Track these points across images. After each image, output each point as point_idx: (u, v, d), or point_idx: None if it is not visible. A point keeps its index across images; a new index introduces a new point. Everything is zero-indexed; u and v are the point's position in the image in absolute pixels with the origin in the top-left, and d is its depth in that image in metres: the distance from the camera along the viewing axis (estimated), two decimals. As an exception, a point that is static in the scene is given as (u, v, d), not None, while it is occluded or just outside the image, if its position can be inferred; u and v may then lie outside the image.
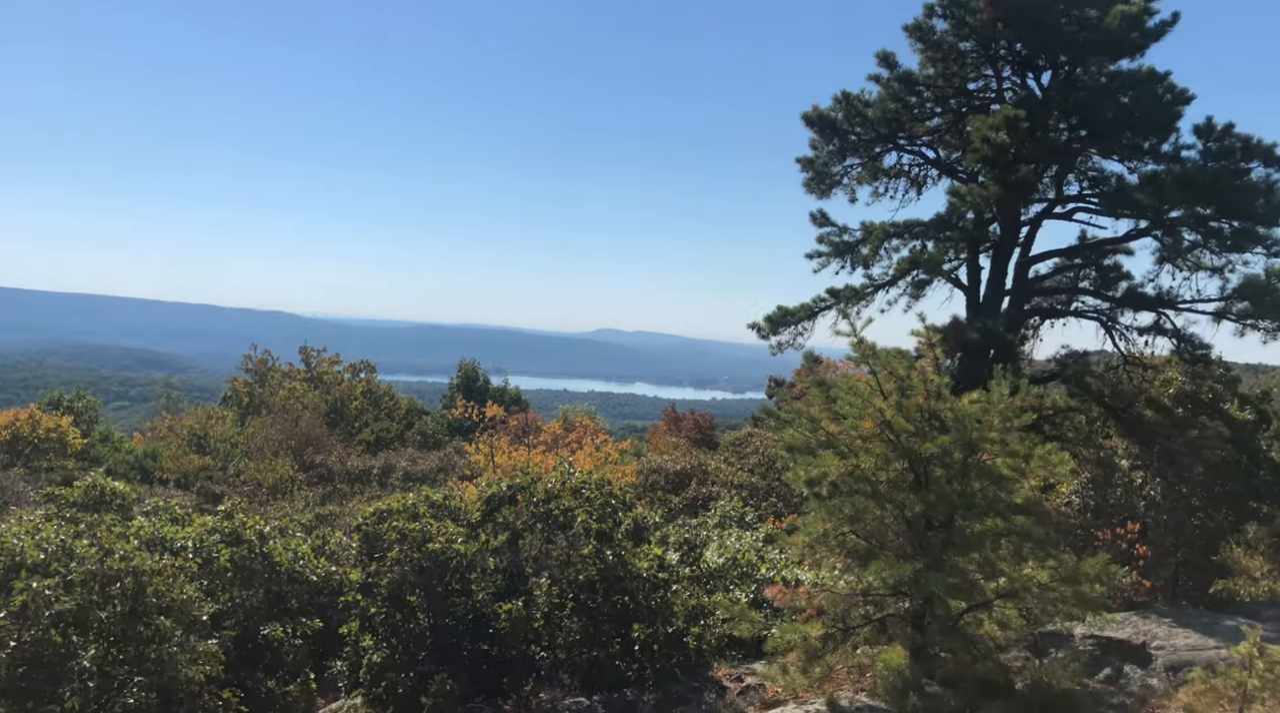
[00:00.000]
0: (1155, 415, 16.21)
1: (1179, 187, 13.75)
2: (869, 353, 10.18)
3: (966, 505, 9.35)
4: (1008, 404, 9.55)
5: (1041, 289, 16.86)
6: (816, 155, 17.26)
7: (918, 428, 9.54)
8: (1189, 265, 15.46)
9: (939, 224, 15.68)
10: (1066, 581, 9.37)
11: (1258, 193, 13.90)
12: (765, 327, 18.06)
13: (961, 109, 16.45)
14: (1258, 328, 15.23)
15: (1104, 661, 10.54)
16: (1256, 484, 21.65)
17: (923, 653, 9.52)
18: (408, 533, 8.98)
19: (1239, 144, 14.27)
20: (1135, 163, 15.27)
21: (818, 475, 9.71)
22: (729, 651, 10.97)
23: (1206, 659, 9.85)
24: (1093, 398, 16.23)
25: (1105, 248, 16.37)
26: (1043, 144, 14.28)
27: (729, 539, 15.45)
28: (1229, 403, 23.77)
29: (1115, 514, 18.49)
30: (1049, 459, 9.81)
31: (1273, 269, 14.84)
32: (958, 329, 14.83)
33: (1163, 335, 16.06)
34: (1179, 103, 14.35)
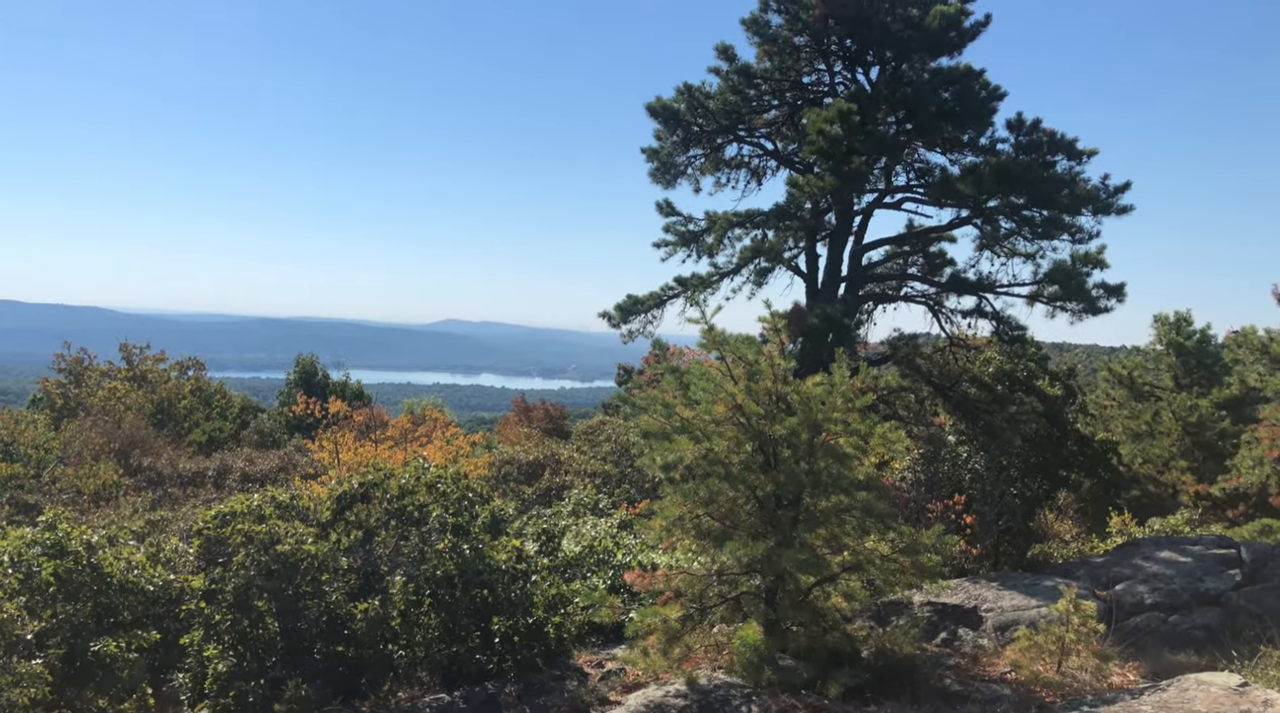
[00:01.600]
0: (978, 393, 17.33)
1: (995, 177, 14.73)
2: (719, 340, 10.42)
3: (814, 484, 9.72)
4: (849, 386, 9.99)
5: (874, 276, 17.71)
6: (661, 146, 17.51)
7: (766, 411, 9.85)
8: (1006, 252, 16.58)
9: (779, 214, 16.20)
10: (906, 552, 9.90)
11: (1063, 184, 15.05)
12: (616, 315, 18.20)
13: (797, 102, 17.04)
14: (1066, 310, 16.46)
15: (941, 625, 11.23)
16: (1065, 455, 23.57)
17: (775, 628, 9.86)
18: (254, 535, 8.57)
19: (1045, 138, 15.41)
20: (956, 155, 16.25)
21: (673, 460, 9.89)
22: (589, 637, 11.04)
23: (1030, 618, 10.65)
24: (922, 378, 17.19)
25: (931, 236, 17.35)
26: (873, 136, 14.99)
27: (585, 527, 15.54)
28: (1041, 380, 25.75)
29: (944, 487, 19.69)
30: (888, 437, 10.31)
31: (1078, 255, 16.09)
32: (799, 315, 15.40)
33: (984, 318, 17.16)
34: (994, 99, 15.36)
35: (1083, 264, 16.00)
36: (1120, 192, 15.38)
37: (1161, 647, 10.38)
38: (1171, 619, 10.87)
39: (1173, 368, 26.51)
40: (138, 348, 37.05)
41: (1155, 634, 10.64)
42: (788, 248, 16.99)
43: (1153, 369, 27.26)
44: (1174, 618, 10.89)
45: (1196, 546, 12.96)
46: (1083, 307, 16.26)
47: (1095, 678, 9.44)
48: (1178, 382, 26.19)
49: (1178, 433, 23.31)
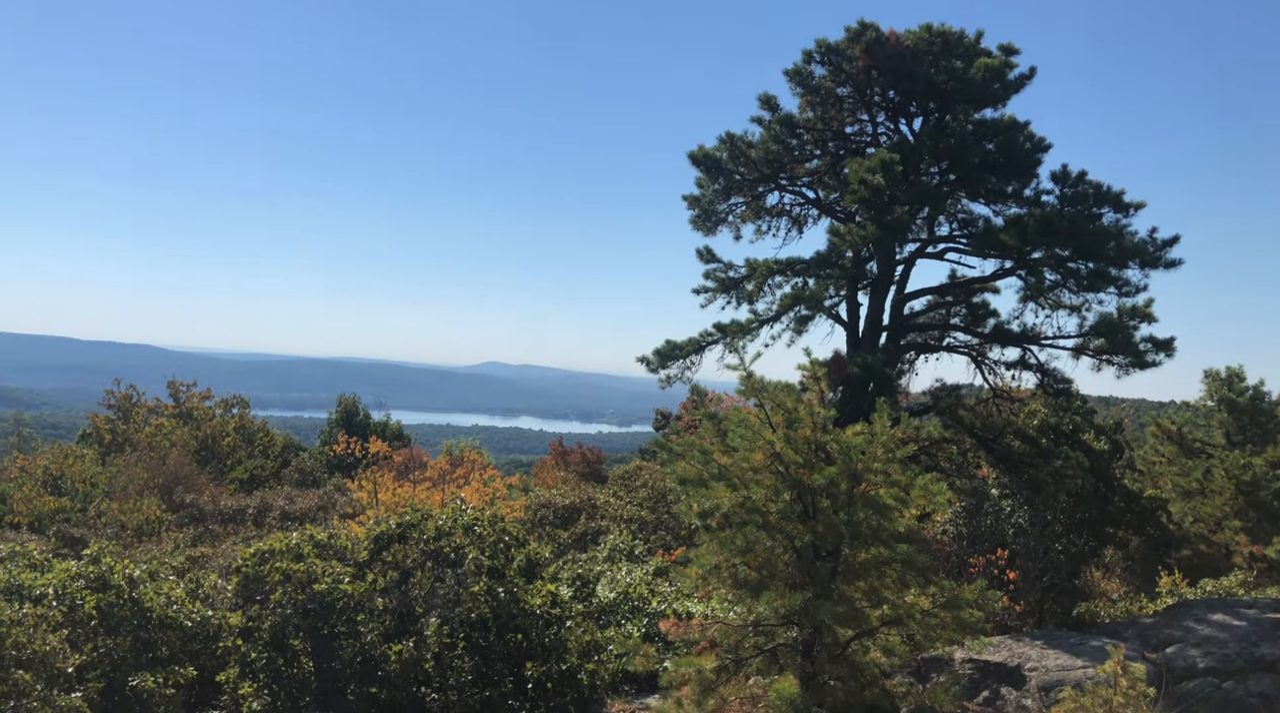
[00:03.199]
0: (1022, 446, 17.05)
1: (1039, 229, 14.65)
2: (758, 387, 10.38)
3: (853, 535, 9.57)
4: (889, 436, 9.88)
5: (916, 325, 17.61)
6: (702, 193, 17.67)
7: (805, 459, 9.76)
8: (1050, 304, 16.42)
9: (820, 262, 16.23)
10: (947, 607, 9.69)
11: (1109, 236, 14.92)
12: (654, 360, 18.25)
13: (839, 152, 17.14)
14: (1112, 363, 16.23)
15: (982, 683, 10.94)
16: (1112, 511, 23.03)
17: (813, 681, 9.67)
18: (291, 574, 8.62)
19: (1091, 190, 15.32)
20: (1000, 206, 16.22)
21: (710, 507, 9.80)
22: (623, 686, 10.91)
23: (1075, 679, 10.34)
24: (964, 429, 16.97)
25: (974, 286, 17.24)
26: (915, 187, 15.01)
27: (620, 573, 15.41)
28: (1087, 434, 25.29)
29: (986, 541, 19.30)
30: (929, 489, 10.15)
31: (1124, 308, 15.90)
32: (839, 363, 15.32)
33: (1028, 370, 16.96)
34: (1038, 150, 15.34)
35: (1130, 317, 15.80)
36: (1169, 245, 15.22)
37: (1214, 713, 10.01)
38: (1225, 686, 10.49)
39: (1224, 425, 25.86)
40: (184, 385, 37.75)
41: (1208, 701, 10.26)
42: (828, 296, 16.98)
43: (1203, 425, 26.64)
44: (1228, 684, 10.50)
45: (1252, 609, 12.55)
46: (1130, 361, 16.03)
47: (1148, 745, 9.13)
48: (1229, 439, 25.53)
49: (1230, 491, 22.64)
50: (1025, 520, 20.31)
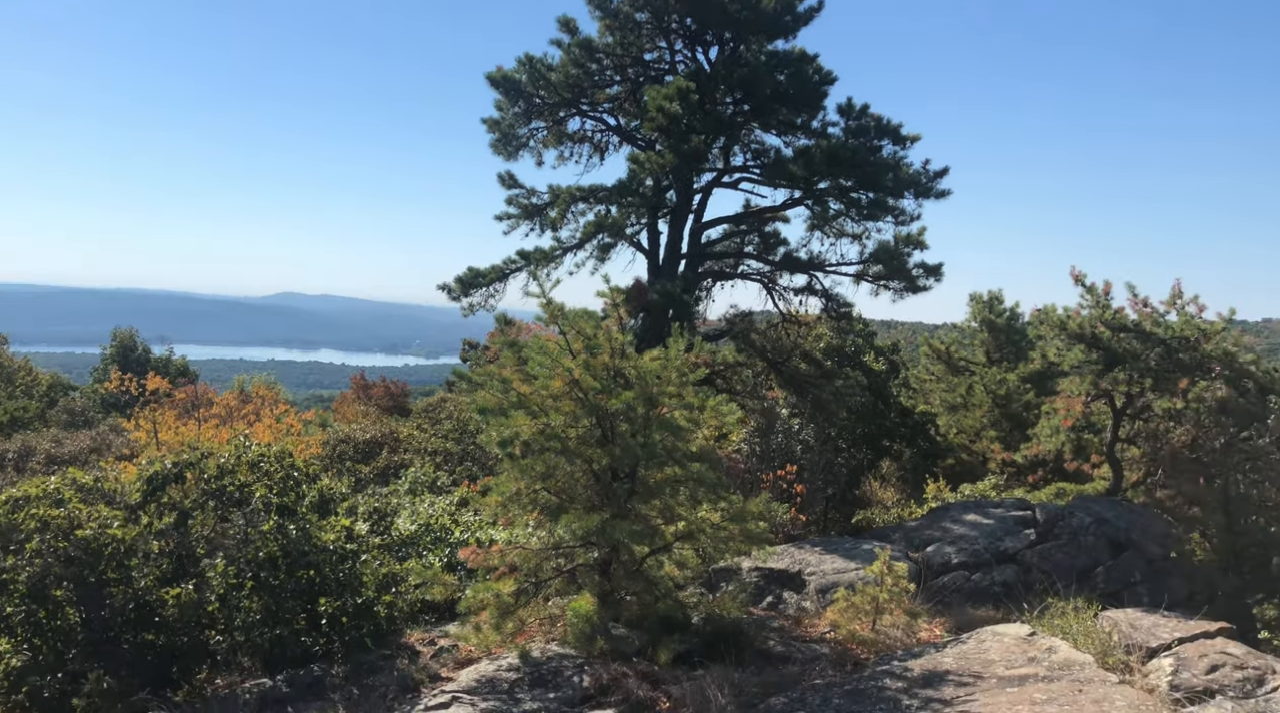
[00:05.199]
0: (808, 367, 18.06)
1: (826, 160, 15.32)
2: (558, 314, 10.42)
3: (648, 456, 9.89)
4: (684, 360, 10.23)
5: (713, 254, 18.12)
6: (502, 117, 17.26)
7: (604, 385, 9.95)
8: (834, 233, 17.30)
9: (621, 190, 16.31)
10: (735, 520, 10.24)
11: (888, 168, 15.82)
12: (456, 288, 17.90)
13: (639, 78, 17.15)
14: (889, 288, 17.35)
15: (767, 589, 11.70)
16: (889, 425, 24.88)
17: (609, 598, 10.03)
18: (50, 520, 7.98)
19: (873, 123, 16.14)
20: (790, 137, 16.80)
21: (510, 435, 9.84)
22: (423, 615, 10.91)
23: (849, 580, 11.24)
24: (757, 353, 17.76)
25: (766, 216, 17.89)
26: (711, 116, 15.29)
27: (422, 505, 15.29)
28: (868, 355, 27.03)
29: (778, 457, 20.47)
30: (720, 410, 10.62)
31: (900, 237, 16.97)
32: (640, 291, 15.59)
33: (814, 295, 17.89)
34: (825, 83, 15.94)
35: (905, 245, 16.88)
36: (939, 176, 16.31)
37: (965, 602, 11.18)
38: (974, 577, 11.74)
39: (985, 344, 28.38)
40: (-75, 320, 33.69)
41: (960, 591, 11.45)
42: (630, 224, 17.13)
43: (968, 345, 29.11)
44: (977, 575, 11.75)
45: (999, 508, 14.01)
46: (904, 286, 17.17)
47: (906, 634, 10.09)
48: (989, 357, 28.08)
49: (988, 404, 24.98)
50: (812, 437, 21.68)
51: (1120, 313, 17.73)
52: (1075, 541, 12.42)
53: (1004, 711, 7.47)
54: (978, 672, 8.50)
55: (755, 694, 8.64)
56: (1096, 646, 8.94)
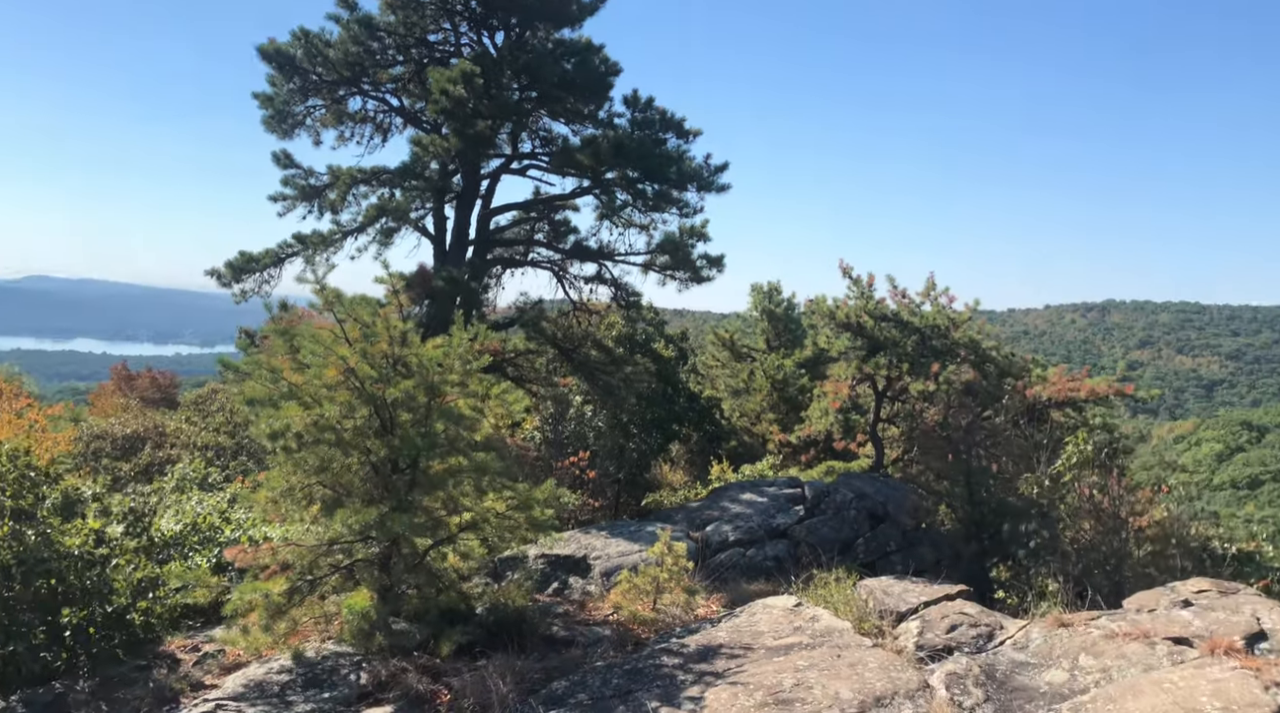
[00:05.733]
0: (599, 355, 18.31)
1: (612, 150, 15.54)
2: (333, 300, 10.03)
3: (430, 447, 9.72)
4: (467, 348, 10.11)
5: (502, 240, 17.98)
6: (276, 92, 16.31)
7: (381, 374, 9.68)
8: (623, 222, 17.59)
9: (405, 173, 15.85)
10: (520, 508, 10.26)
11: (672, 161, 16.25)
12: (226, 273, 16.82)
13: (424, 59, 16.69)
14: (675, 278, 17.84)
15: (553, 576, 11.81)
16: (678, 411, 25.64)
17: (390, 593, 9.79)
18: None
19: (658, 116, 16.52)
20: (578, 126, 16.90)
21: (281, 428, 9.39)
22: (186, 621, 10.25)
23: (632, 563, 11.54)
24: (548, 341, 17.81)
25: (556, 203, 17.94)
26: (497, 101, 15.12)
27: (189, 504, 14.35)
28: (658, 342, 27.72)
29: (571, 444, 20.68)
30: (506, 398, 10.61)
31: (685, 228, 17.49)
32: (424, 277, 15.24)
33: (604, 284, 18.12)
34: (611, 74, 16.14)
35: (689, 237, 17.41)
36: (720, 171, 16.92)
37: (741, 578, 11.75)
38: (750, 553, 12.35)
39: (765, 332, 29.87)
40: None
41: (736, 567, 12.02)
42: (415, 208, 16.69)
43: (750, 333, 30.54)
44: (752, 551, 12.37)
45: (772, 487, 14.80)
46: (689, 276, 17.72)
47: (685, 612, 10.47)
48: (769, 344, 29.57)
49: (768, 389, 26.32)
50: (604, 423, 22.04)
51: (882, 303, 19.15)
52: (839, 515, 13.33)
53: (770, 678, 7.91)
54: (748, 644, 8.95)
55: (538, 680, 8.71)
56: (854, 613, 9.64)
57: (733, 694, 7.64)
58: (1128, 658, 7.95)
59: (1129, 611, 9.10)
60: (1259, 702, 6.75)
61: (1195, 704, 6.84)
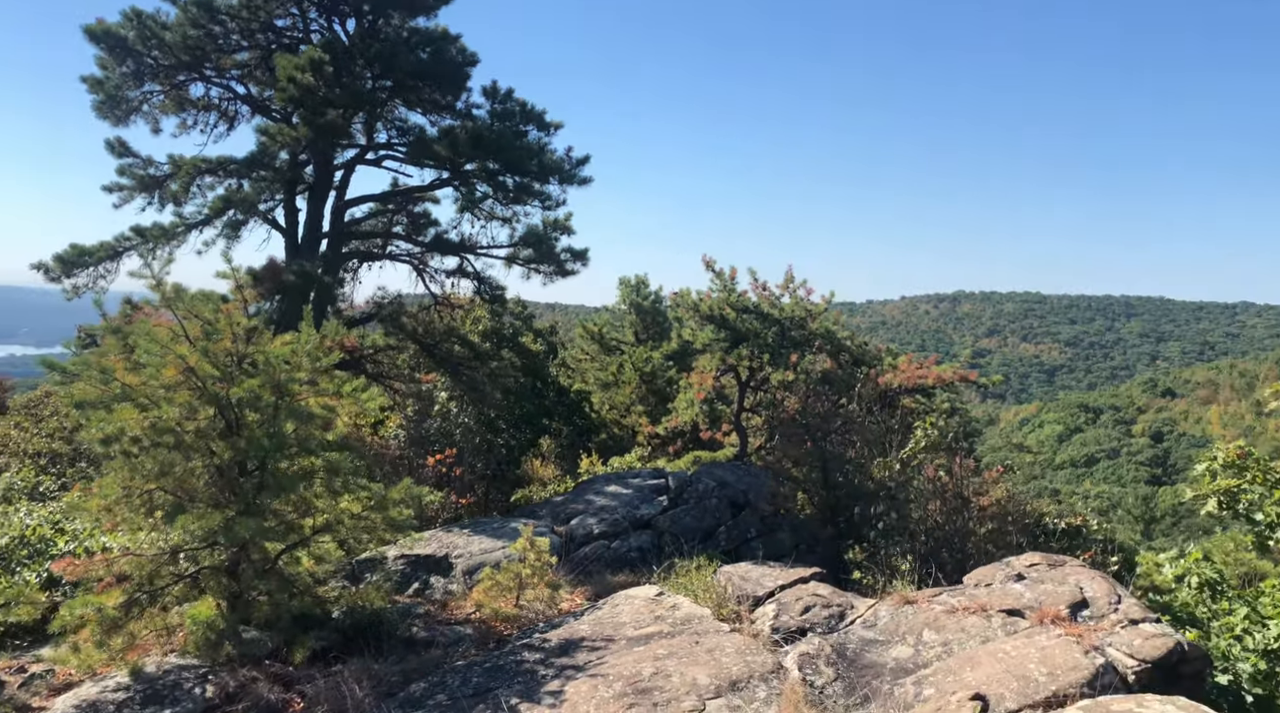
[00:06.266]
0: (462, 350, 18.02)
1: (470, 142, 15.28)
2: (171, 296, 9.53)
3: (279, 447, 9.36)
4: (316, 344, 9.77)
5: (359, 233, 17.46)
6: (107, 76, 15.30)
7: (225, 373, 9.26)
8: (484, 215, 17.35)
9: (252, 163, 15.15)
10: (378, 508, 10.00)
11: (533, 153, 16.11)
12: (56, 268, 15.72)
13: (271, 45, 15.97)
14: (539, 271, 17.72)
15: (414, 576, 11.56)
16: (548, 405, 25.58)
17: (239, 600, 9.39)
18: None
19: (518, 107, 16.34)
20: (436, 117, 16.54)
21: (114, 432, 8.87)
22: (12, 640, 9.56)
23: (495, 559, 11.42)
24: (409, 337, 17.42)
25: (415, 195, 17.53)
26: (349, 90, 14.62)
27: (16, 516, 13.38)
28: (526, 336, 27.53)
29: (437, 442, 20.32)
30: (359, 396, 10.32)
31: (548, 221, 17.40)
32: (274, 271, 14.63)
33: (466, 277, 17.84)
34: (469, 64, 15.85)
35: (553, 230, 17.33)
36: (582, 163, 16.90)
37: (605, 570, 11.79)
38: (614, 545, 12.41)
39: (634, 325, 30.08)
40: None
41: (601, 560, 12.06)
42: (264, 200, 15.99)
43: (619, 326, 30.68)
44: (616, 543, 12.44)
45: (637, 479, 14.92)
46: (554, 269, 17.64)
47: (548, 606, 10.44)
48: (638, 337, 29.80)
49: (636, 382, 26.52)
50: (471, 420, 21.75)
51: (743, 296, 19.59)
52: (701, 504, 13.55)
53: (629, 668, 7.97)
54: (610, 635, 9.00)
55: (396, 683, 8.52)
56: (714, 599, 9.82)
57: (593, 686, 7.67)
58: (966, 631, 8.37)
59: (968, 586, 9.61)
60: (1079, 665, 7.23)
61: (1025, 671, 7.27)
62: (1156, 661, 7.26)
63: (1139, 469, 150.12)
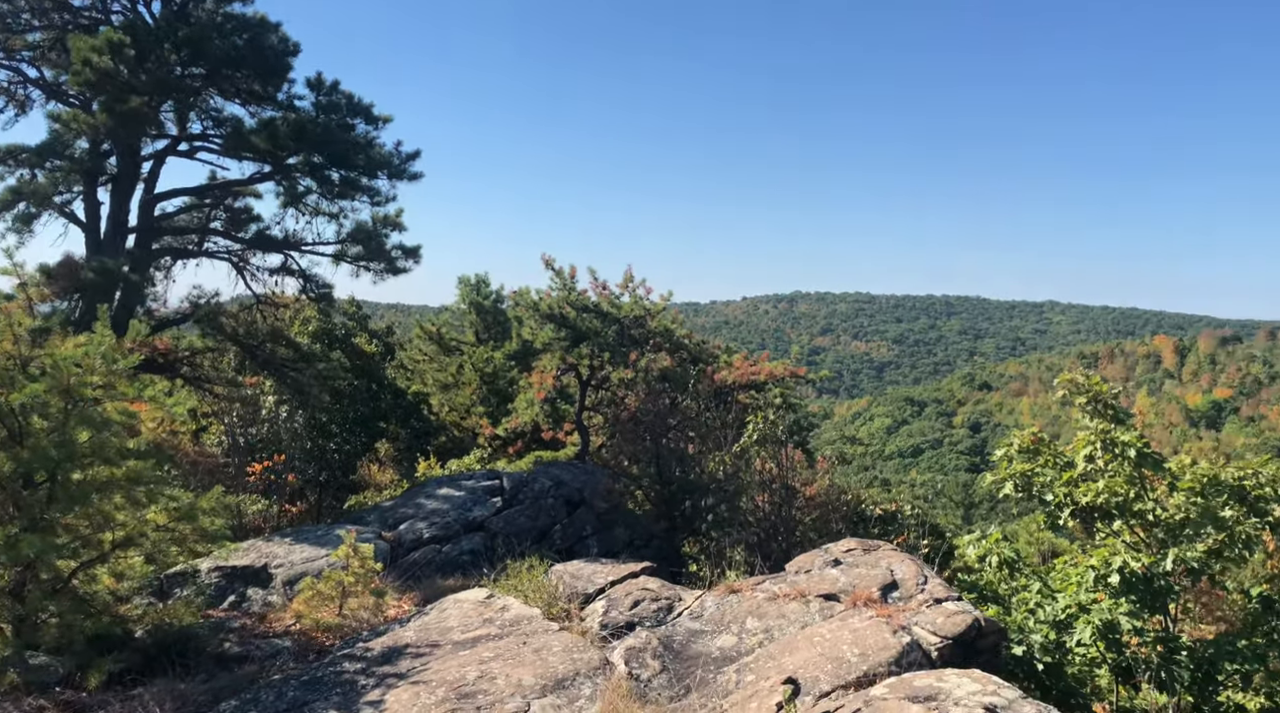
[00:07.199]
0: (287, 351, 17.22)
1: (292, 134, 14.61)
2: (-58, 295, 8.68)
3: (69, 457, 8.68)
4: (111, 346, 9.11)
5: (171, 228, 16.40)
6: None
7: (4, 378, 8.52)
8: (310, 210, 16.60)
9: (46, 152, 13.95)
10: (186, 518, 9.43)
11: (360, 147, 15.57)
12: None
13: (68, 26, 14.77)
14: (369, 269, 17.13)
15: (230, 588, 10.96)
16: (383, 407, 24.84)
17: (26, 624, 8.63)
18: None
19: (344, 100, 15.74)
20: (255, 107, 15.71)
21: None
22: None
23: (318, 568, 10.96)
24: (229, 338, 16.49)
25: (234, 189, 16.60)
26: (155, 76, 13.69)
27: None
28: (359, 337, 26.63)
29: (265, 448, 19.37)
30: (163, 400, 9.70)
31: (378, 217, 16.85)
32: (71, 268, 13.54)
33: (291, 275, 17.02)
34: (290, 53, 15.14)
35: (383, 226, 16.80)
36: (412, 158, 16.47)
37: (436, 574, 11.53)
38: (445, 549, 12.15)
39: (474, 325, 29.62)
40: None
41: (431, 564, 11.78)
42: (60, 192, 14.76)
43: (459, 325, 30.15)
44: (447, 547, 12.18)
45: (470, 480, 14.67)
46: (385, 267, 17.09)
47: (374, 614, 10.10)
48: (479, 337, 29.36)
49: (477, 382, 26.12)
50: (301, 424, 20.85)
51: (583, 294, 19.61)
52: (537, 504, 13.46)
53: (454, 673, 7.81)
54: (436, 640, 8.79)
55: (204, 702, 8.04)
56: (545, 599, 9.75)
57: (414, 694, 7.46)
58: (787, 617, 8.64)
59: (790, 573, 9.93)
60: (888, 645, 7.58)
61: (839, 653, 7.56)
62: (956, 636, 7.69)
63: (959, 458, 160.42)
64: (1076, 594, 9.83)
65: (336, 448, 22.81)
